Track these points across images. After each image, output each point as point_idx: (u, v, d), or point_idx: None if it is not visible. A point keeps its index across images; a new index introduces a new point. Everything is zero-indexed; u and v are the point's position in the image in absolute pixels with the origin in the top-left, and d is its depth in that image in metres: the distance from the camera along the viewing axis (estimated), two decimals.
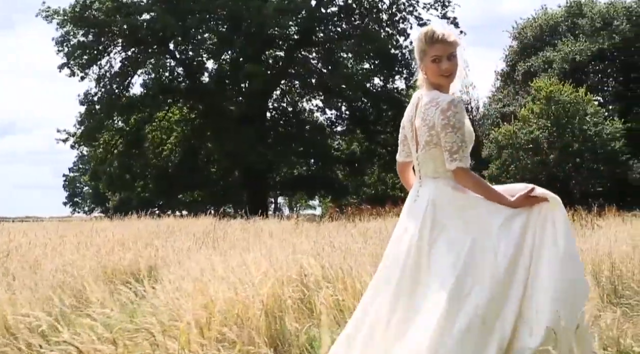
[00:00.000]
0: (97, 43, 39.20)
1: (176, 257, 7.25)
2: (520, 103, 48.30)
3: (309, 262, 5.36)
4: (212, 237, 8.82)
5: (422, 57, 3.80)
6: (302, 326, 4.49)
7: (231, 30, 38.63)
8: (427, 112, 3.72)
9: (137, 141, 41.83)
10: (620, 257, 6.95)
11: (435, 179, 3.78)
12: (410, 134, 3.90)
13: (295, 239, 8.54)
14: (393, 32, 41.23)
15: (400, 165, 4.14)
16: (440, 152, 3.72)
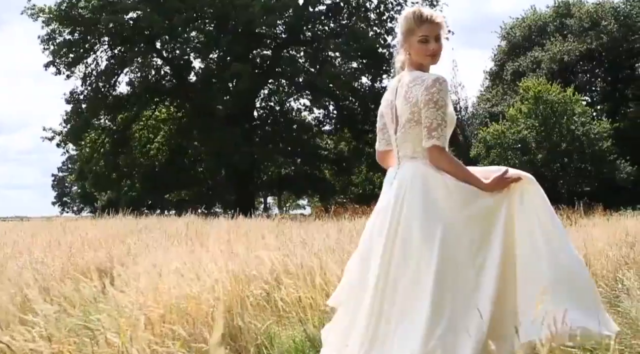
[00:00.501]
0: (83, 41, 38.94)
1: (147, 252, 7.11)
2: (509, 103, 48.32)
3: (272, 259, 5.22)
4: (184, 236, 8.67)
5: (408, 36, 3.77)
6: (262, 323, 4.38)
7: (218, 29, 38.44)
8: (411, 90, 3.66)
9: (124, 140, 41.58)
10: (595, 255, 6.86)
11: (413, 159, 3.72)
12: (390, 117, 3.84)
13: (268, 237, 8.41)
14: (381, 31, 41.10)
15: (381, 154, 4.06)
16: (420, 131, 3.65)
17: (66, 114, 40.04)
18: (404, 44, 3.80)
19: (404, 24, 3.80)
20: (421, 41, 3.72)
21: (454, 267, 3.43)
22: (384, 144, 4.01)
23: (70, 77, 39.64)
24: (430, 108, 3.59)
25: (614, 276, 6.59)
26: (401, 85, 3.73)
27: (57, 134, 40.93)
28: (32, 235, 10.43)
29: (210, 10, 37.84)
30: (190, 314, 4.04)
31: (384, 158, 4.06)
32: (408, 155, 3.74)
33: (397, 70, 3.91)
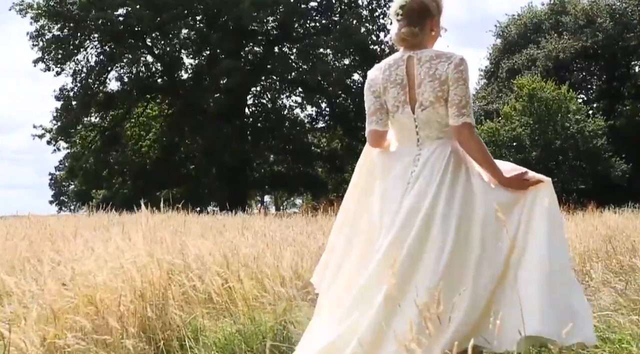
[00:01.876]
0: (72, 37, 38.65)
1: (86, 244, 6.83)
2: (504, 101, 48.13)
3: (199, 247, 4.96)
4: (143, 228, 8.41)
5: (439, 16, 3.74)
6: (188, 315, 4.11)
7: (208, 26, 38.16)
8: (438, 66, 3.54)
9: (115, 137, 41.32)
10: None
11: (439, 140, 3.60)
12: (398, 97, 3.64)
13: (231, 231, 8.17)
14: (373, 27, 40.81)
15: (377, 135, 3.76)
16: (446, 111, 3.54)
17: (56, 111, 39.73)
18: (432, 20, 3.69)
19: (441, 3, 3.75)
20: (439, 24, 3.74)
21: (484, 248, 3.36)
22: (383, 124, 3.75)
23: (60, 74, 39.38)
24: (460, 85, 3.50)
25: (582, 269, 6.35)
26: (420, 62, 3.59)
27: (47, 132, 40.62)
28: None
29: (201, 6, 37.55)
30: (97, 304, 3.77)
31: (379, 139, 3.79)
32: (433, 136, 3.61)
33: (396, 45, 3.76)
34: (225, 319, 4.32)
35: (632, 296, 4.98)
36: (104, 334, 3.43)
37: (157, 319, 3.94)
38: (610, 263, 6.76)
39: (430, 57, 3.57)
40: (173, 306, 4.10)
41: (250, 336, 4.07)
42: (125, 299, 3.79)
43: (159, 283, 4.06)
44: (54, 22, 38.09)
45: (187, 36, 39.18)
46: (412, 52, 3.63)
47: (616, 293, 5.08)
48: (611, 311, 4.47)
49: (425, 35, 3.68)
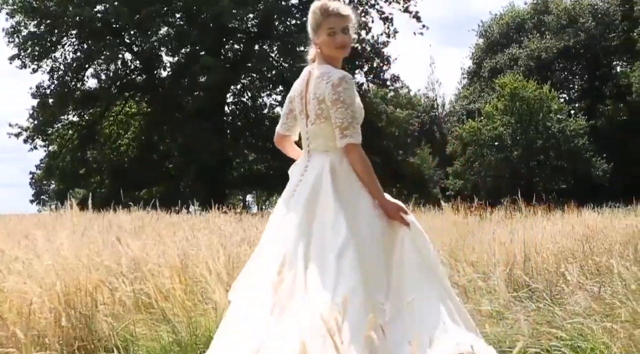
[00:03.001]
0: (49, 34, 38.00)
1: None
2: (486, 100, 48.05)
3: (132, 248, 4.58)
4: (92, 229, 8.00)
5: (317, 30, 3.81)
6: (120, 323, 3.74)
7: (188, 23, 37.64)
8: (319, 86, 3.70)
9: (93, 135, 40.71)
10: (537, 249, 6.30)
11: (325, 153, 3.75)
12: (300, 107, 3.87)
13: (187, 231, 7.80)
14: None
15: (280, 137, 4.09)
16: (331, 127, 3.69)
17: (32, 109, 39.08)
18: (314, 38, 3.84)
19: (311, 18, 3.85)
20: (329, 34, 3.77)
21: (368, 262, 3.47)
22: (285, 128, 4.05)
23: (37, 71, 38.68)
24: (339, 108, 3.63)
25: (556, 271, 6.03)
26: (312, 79, 3.78)
27: (24, 130, 39.91)
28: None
29: (180, 3, 37.05)
30: (4, 312, 3.38)
31: (282, 141, 4.10)
32: (320, 149, 3.78)
33: (309, 62, 3.95)
34: (162, 326, 3.95)
35: (607, 299, 4.66)
36: (9, 348, 3.06)
37: (83, 327, 3.57)
38: (587, 264, 6.44)
39: (317, 76, 3.74)
40: (103, 312, 3.72)
41: (189, 346, 3.71)
42: (44, 305, 3.41)
43: (86, 288, 3.68)
44: (30, 19, 37.46)
45: (166, 33, 38.62)
46: (312, 68, 3.85)
47: (591, 297, 4.75)
48: (584, 317, 4.14)
49: (317, 51, 3.84)
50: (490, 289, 5.57)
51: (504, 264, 6.02)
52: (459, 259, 6.69)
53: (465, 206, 16.51)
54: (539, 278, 5.92)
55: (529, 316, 4.30)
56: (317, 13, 3.81)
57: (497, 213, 15.69)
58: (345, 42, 3.82)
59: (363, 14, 40.83)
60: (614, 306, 4.23)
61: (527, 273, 5.90)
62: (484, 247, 6.95)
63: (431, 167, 52.75)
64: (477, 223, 12.17)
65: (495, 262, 6.14)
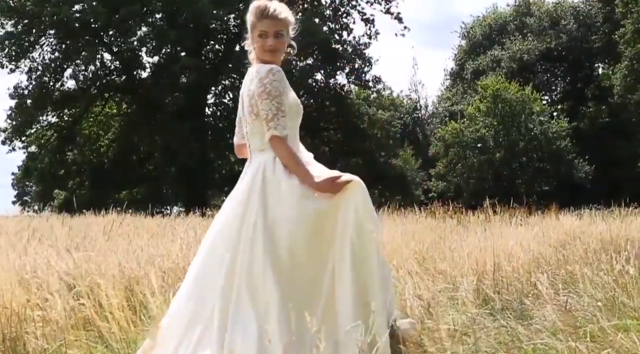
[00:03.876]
0: (27, 34, 37.50)
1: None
2: (469, 102, 48.00)
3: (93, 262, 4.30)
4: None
5: (252, 30, 3.82)
6: (50, 344, 3.46)
7: (168, 23, 37.24)
8: (251, 84, 3.71)
9: (72, 136, 40.28)
10: (507, 257, 6.07)
11: (262, 152, 3.74)
12: (241, 111, 3.89)
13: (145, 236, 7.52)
14: (335, 26, 40.23)
15: (237, 147, 4.08)
16: (262, 124, 3.69)
17: (10, 109, 38.56)
18: (250, 38, 3.86)
19: (248, 18, 3.84)
20: (260, 36, 3.77)
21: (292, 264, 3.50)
22: (240, 137, 4.01)
23: (14, 71, 38.15)
24: (264, 100, 3.62)
25: (527, 280, 5.80)
26: (245, 78, 3.84)
27: (2, 131, 39.38)
28: None
29: (159, 3, 36.65)
30: None
31: (240, 152, 4.07)
32: (257, 148, 3.77)
33: (250, 62, 3.94)
34: (98, 347, 3.67)
35: (576, 313, 4.44)
36: None
37: (7, 350, 3.29)
38: (560, 273, 6.21)
39: (250, 75, 3.77)
40: (33, 333, 3.44)
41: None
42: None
43: (11, 306, 3.40)
44: (7, 18, 36.95)
45: (146, 34, 38.22)
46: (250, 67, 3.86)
47: (560, 311, 4.52)
48: (551, 335, 3.91)
49: (252, 51, 3.86)
50: (456, 303, 5.35)
51: (473, 274, 5.78)
52: (428, 267, 6.46)
53: (444, 208, 16.26)
54: (510, 288, 5.69)
55: (490, 334, 4.06)
56: (253, 13, 3.81)
57: (476, 216, 15.47)
58: (276, 46, 3.75)
59: (344, 15, 40.66)
60: (582, 321, 4.00)
61: (496, 284, 5.67)
62: (455, 255, 6.72)
63: (414, 169, 52.60)
64: (454, 227, 11.93)
65: (464, 272, 5.90)
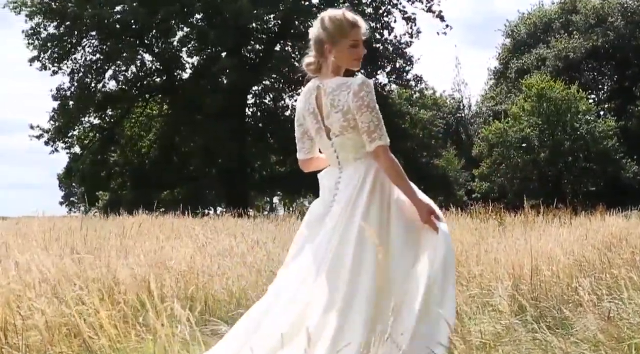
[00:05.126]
0: (69, 35, 37.79)
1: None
2: (513, 101, 47.33)
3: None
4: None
5: (339, 40, 3.76)
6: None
7: (208, 23, 37.22)
8: (339, 97, 3.67)
9: (114, 137, 40.50)
10: (546, 260, 5.64)
11: (359, 161, 3.75)
12: (314, 125, 3.83)
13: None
14: (377, 25, 39.80)
15: (305, 162, 4.07)
16: (357, 136, 3.69)
17: (53, 111, 38.86)
18: (328, 47, 3.76)
19: (333, 27, 3.77)
20: (352, 46, 3.77)
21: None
22: (306, 152, 4.02)
23: (57, 73, 38.44)
24: (363, 113, 3.62)
25: (567, 285, 5.38)
26: (325, 93, 3.73)
27: (45, 132, 39.70)
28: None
29: (199, 3, 36.62)
30: None
31: (309, 166, 4.08)
32: (351, 158, 3.77)
33: (308, 71, 3.88)
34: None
35: (620, 322, 4.02)
36: None
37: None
38: (604, 277, 5.77)
39: (332, 89, 3.71)
40: (13, 345, 3.14)
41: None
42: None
43: None
44: (49, 20, 37.26)
45: (186, 34, 38.27)
46: (320, 82, 3.80)
47: (602, 320, 4.10)
48: (588, 347, 3.50)
49: (326, 61, 3.79)
50: (491, 310, 4.96)
51: (508, 279, 5.38)
52: (462, 271, 6.07)
53: (485, 209, 15.83)
54: (548, 294, 5.28)
55: (521, 347, 3.67)
56: (342, 22, 3.78)
57: (518, 218, 14.99)
58: (363, 54, 3.88)
59: (385, 14, 40.20)
60: (627, 333, 3.58)
61: (533, 290, 5.26)
62: (491, 258, 6.31)
63: (457, 170, 51.99)
64: (493, 229, 11.48)
65: (499, 276, 5.50)
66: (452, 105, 62.98)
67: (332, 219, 3.69)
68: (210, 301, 5.06)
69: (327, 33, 3.77)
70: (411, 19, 40.11)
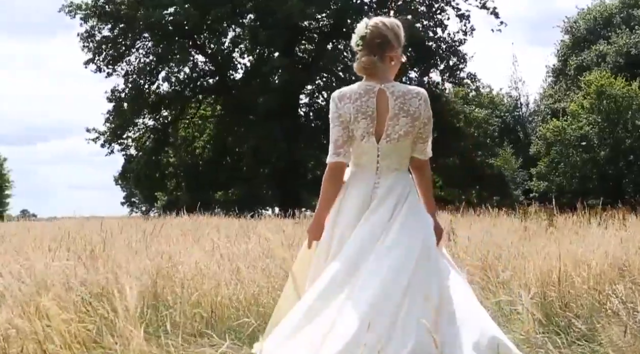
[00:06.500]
0: (123, 38, 38.25)
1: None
2: (572, 99, 46.40)
3: None
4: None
5: (401, 47, 3.88)
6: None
7: (260, 23, 37.25)
8: (411, 103, 3.72)
9: (167, 138, 40.84)
10: (574, 264, 5.25)
11: (396, 171, 3.79)
12: (366, 127, 3.75)
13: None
14: (430, 23, 39.32)
15: (341, 166, 3.85)
16: (409, 145, 3.78)
17: (108, 113, 39.33)
18: (392, 52, 3.82)
19: (402, 35, 3.89)
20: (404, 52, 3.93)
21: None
22: (347, 156, 3.85)
23: (112, 75, 38.93)
24: (430, 123, 3.80)
25: (599, 292, 4.98)
26: (392, 96, 3.71)
27: (100, 134, 40.19)
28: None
29: (250, 3, 36.69)
30: None
31: (340, 172, 3.88)
32: (392, 167, 3.78)
33: (361, 72, 3.85)
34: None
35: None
36: None
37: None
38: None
39: (403, 93, 3.73)
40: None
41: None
42: None
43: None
44: (103, 23, 37.75)
45: (237, 35, 38.38)
46: (382, 85, 3.75)
47: (631, 333, 3.74)
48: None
49: (384, 64, 3.80)
50: (517, 319, 4.62)
51: (536, 285, 5.01)
52: (491, 276, 5.72)
53: (534, 209, 15.37)
54: (577, 302, 4.90)
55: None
56: (402, 30, 3.92)
57: (570, 218, 14.44)
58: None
59: (438, 12, 39.70)
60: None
61: (562, 297, 4.89)
62: (522, 262, 5.93)
63: (514, 169, 51.15)
64: (545, 230, 11.00)
65: (527, 282, 5.14)
66: (509, 103, 62.05)
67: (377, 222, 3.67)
68: (216, 308, 4.82)
69: (397, 39, 3.85)
70: (465, 16, 39.56)
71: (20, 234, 9.63)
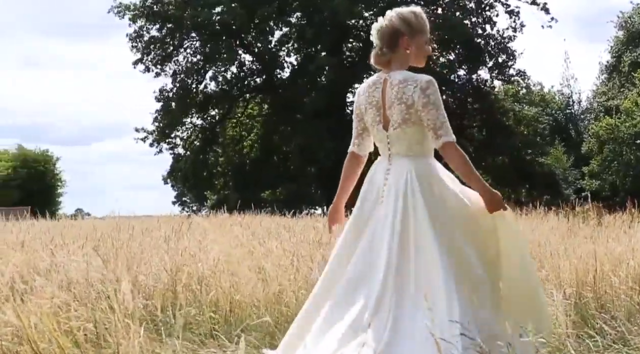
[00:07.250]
0: (171, 37, 38.60)
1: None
2: (626, 96, 45.53)
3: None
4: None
5: (417, 34, 3.86)
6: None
7: (307, 22, 37.24)
8: (404, 91, 3.76)
9: (215, 137, 41.07)
10: (620, 262, 5.01)
11: (408, 157, 3.82)
12: (375, 116, 3.88)
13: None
14: (478, 20, 38.85)
15: (359, 158, 4.11)
16: (417, 131, 3.79)
17: (156, 112, 39.70)
18: (405, 40, 3.84)
19: (417, 22, 3.89)
20: (427, 42, 3.92)
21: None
22: (361, 148, 4.08)
23: (160, 75, 39.29)
24: (430, 110, 3.72)
25: (638, 293, 4.74)
26: (391, 85, 3.79)
27: (149, 134, 40.60)
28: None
29: (296, 2, 36.72)
30: None
31: (360, 163, 4.12)
32: (402, 153, 3.84)
33: (377, 65, 3.94)
34: None
35: None
36: None
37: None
38: None
39: (399, 81, 3.77)
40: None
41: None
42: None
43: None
44: (151, 23, 38.12)
45: (284, 34, 38.44)
46: (387, 74, 3.84)
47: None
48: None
49: (397, 54, 3.85)
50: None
51: (569, 285, 4.78)
52: None
53: (582, 208, 14.98)
54: (615, 303, 4.66)
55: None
56: (423, 19, 3.92)
57: (620, 217, 14.01)
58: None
59: (487, 8, 39.23)
60: None
61: (598, 298, 4.66)
62: (559, 261, 5.70)
63: (566, 167, 50.35)
64: (580, 229, 10.67)
65: (562, 282, 4.92)
66: (560, 101, 61.13)
67: (387, 208, 3.75)
68: (235, 307, 4.69)
69: (408, 27, 3.86)
70: (514, 13, 39.03)
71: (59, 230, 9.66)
